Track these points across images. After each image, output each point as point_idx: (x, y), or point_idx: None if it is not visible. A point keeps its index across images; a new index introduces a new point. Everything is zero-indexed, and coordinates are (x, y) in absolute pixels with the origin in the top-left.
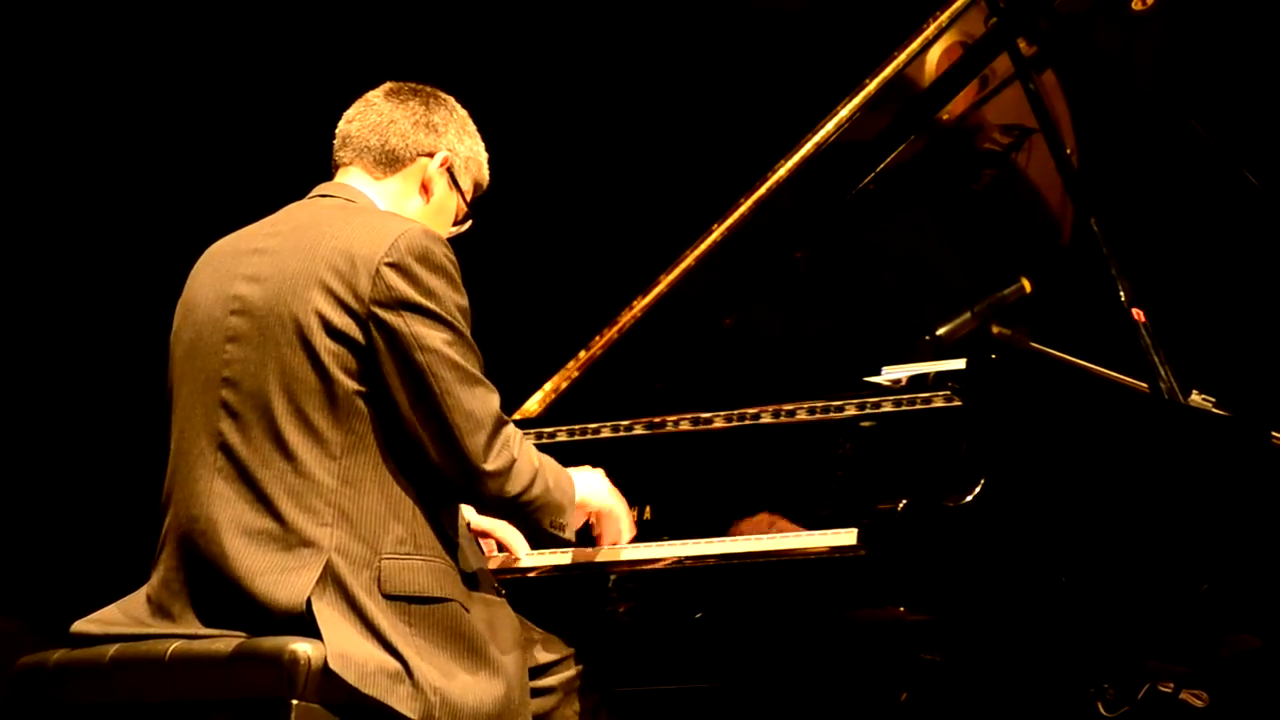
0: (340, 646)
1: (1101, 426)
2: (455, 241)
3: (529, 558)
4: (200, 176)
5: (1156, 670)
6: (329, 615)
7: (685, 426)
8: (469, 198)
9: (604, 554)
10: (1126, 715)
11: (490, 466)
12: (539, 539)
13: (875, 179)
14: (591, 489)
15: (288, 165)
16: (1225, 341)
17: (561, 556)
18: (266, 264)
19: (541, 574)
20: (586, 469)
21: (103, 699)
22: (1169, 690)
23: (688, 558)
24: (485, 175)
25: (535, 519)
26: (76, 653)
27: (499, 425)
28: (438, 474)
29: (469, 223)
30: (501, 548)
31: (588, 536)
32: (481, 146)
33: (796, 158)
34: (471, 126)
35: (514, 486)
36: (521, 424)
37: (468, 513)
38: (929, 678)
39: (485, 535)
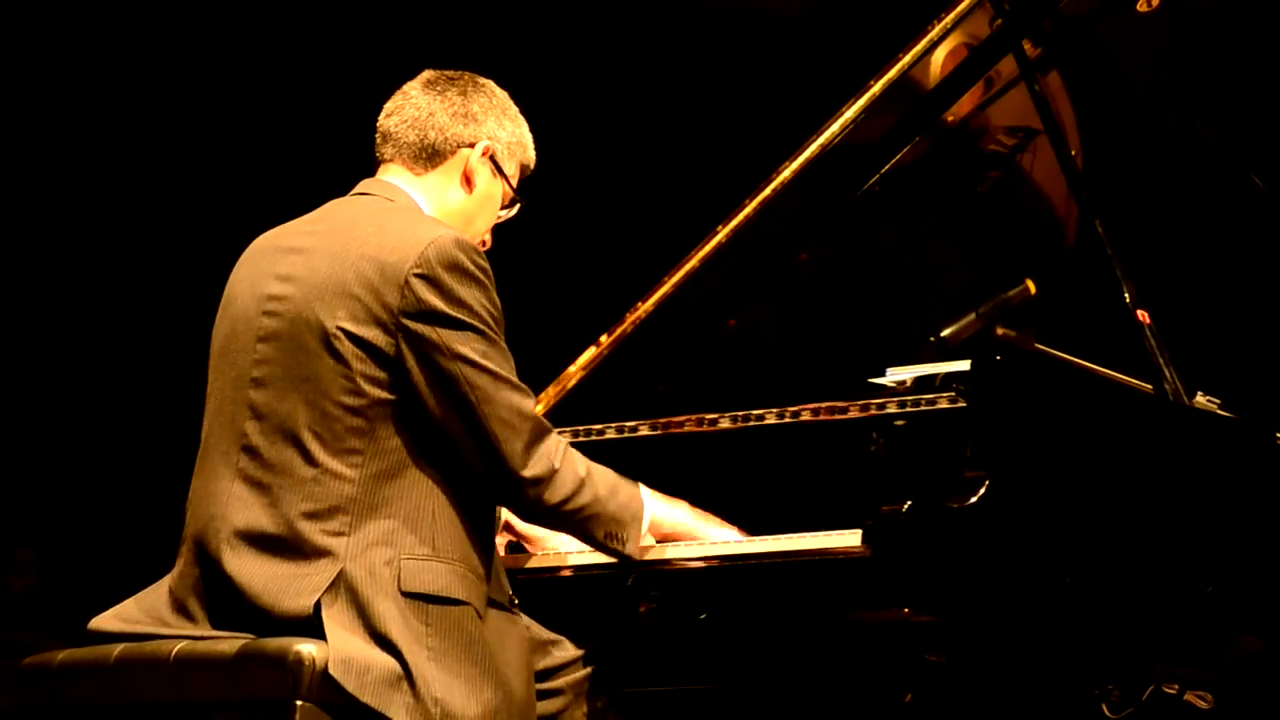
0: (343, 652)
1: (1106, 428)
2: None
3: (534, 560)
4: (248, 172)
5: (1161, 672)
6: (336, 625)
7: (690, 428)
8: (515, 182)
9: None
10: (1131, 717)
11: (529, 473)
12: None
13: (880, 181)
14: (669, 514)
15: (336, 158)
16: (1230, 343)
17: (564, 559)
18: (300, 265)
19: (552, 574)
20: (674, 502)
21: (107, 699)
22: (1174, 692)
23: (692, 559)
24: (531, 156)
25: (585, 529)
26: (81, 652)
27: (538, 431)
28: (462, 483)
29: (518, 206)
30: (515, 547)
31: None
32: (525, 128)
33: (801, 159)
34: (513, 109)
35: (554, 494)
36: None
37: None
38: (934, 679)
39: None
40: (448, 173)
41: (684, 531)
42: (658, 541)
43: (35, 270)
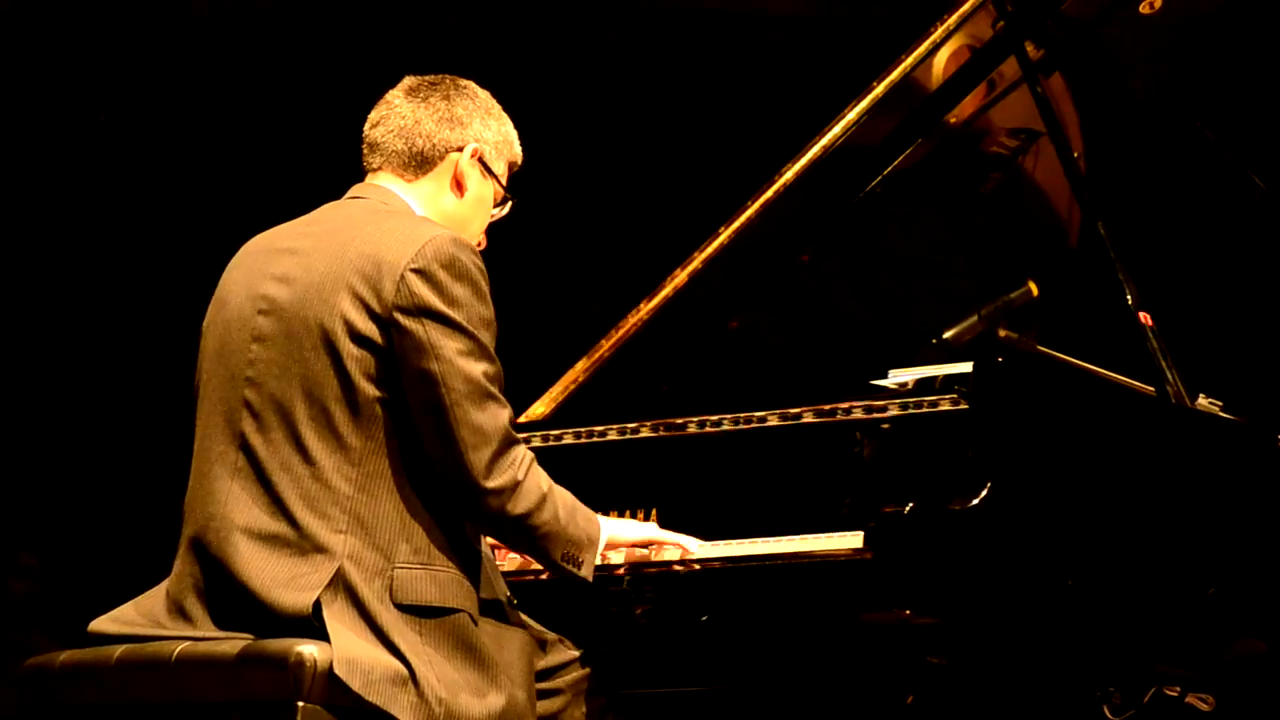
0: (347, 652)
1: (1108, 430)
2: None
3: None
4: (243, 175)
5: (1163, 674)
6: (338, 622)
7: (692, 429)
8: (505, 181)
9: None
10: (1133, 719)
11: (491, 484)
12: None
13: (882, 182)
14: (624, 528)
15: (326, 162)
16: (1232, 345)
17: None
18: (296, 265)
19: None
20: (626, 521)
21: (109, 700)
22: (1175, 694)
23: (694, 560)
24: (518, 153)
25: (541, 546)
26: (82, 653)
27: (506, 443)
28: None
29: (509, 205)
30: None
31: None
32: (509, 126)
33: (804, 161)
34: (496, 108)
35: (516, 507)
36: (528, 426)
37: None
38: (935, 681)
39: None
40: (438, 178)
41: (645, 540)
42: (621, 552)
43: (36, 274)
